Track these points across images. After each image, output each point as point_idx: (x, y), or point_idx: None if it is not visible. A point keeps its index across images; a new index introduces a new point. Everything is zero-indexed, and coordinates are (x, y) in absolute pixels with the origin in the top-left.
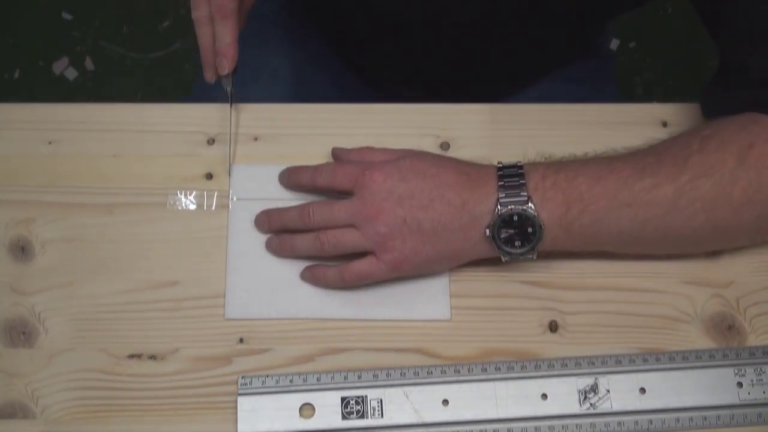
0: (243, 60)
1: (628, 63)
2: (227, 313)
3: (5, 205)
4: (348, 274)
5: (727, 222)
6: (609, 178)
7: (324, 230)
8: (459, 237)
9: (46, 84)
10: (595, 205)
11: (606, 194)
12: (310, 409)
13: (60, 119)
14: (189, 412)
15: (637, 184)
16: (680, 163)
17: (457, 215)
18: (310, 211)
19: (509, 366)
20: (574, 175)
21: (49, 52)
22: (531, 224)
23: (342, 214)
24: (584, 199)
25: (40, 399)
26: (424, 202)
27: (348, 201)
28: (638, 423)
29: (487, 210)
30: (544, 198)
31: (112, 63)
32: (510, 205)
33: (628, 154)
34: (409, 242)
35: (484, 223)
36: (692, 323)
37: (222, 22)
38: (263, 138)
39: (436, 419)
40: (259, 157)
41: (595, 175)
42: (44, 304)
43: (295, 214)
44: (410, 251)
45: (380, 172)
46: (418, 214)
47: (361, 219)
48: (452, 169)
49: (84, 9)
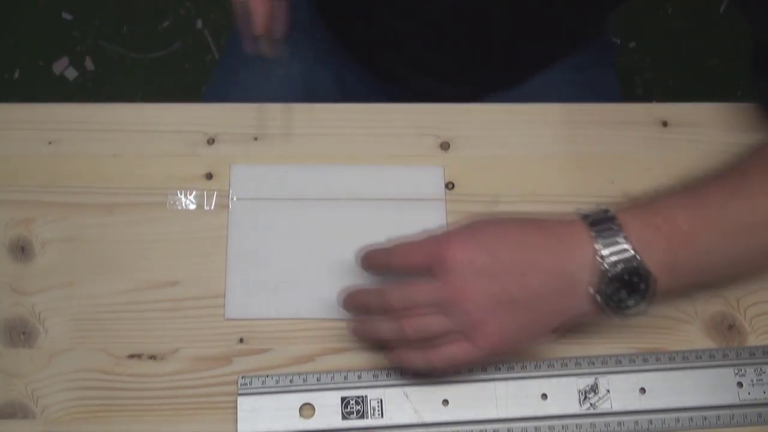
0: (254, 63)
1: (628, 63)
2: (227, 313)
3: (5, 205)
4: (437, 358)
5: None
6: (703, 209)
7: (407, 316)
8: (558, 305)
9: (46, 84)
10: (697, 240)
11: (706, 227)
12: (310, 409)
13: (60, 119)
14: (189, 412)
15: (733, 206)
16: (767, 172)
17: (556, 283)
18: (390, 298)
19: (509, 366)
20: (671, 216)
21: (49, 52)
22: (638, 275)
23: (425, 298)
24: (687, 237)
25: (40, 399)
26: (516, 274)
27: (429, 282)
28: (638, 423)
29: (588, 271)
30: (648, 246)
31: (112, 63)
32: (614, 257)
33: (711, 176)
34: (506, 322)
35: (586, 284)
36: (692, 323)
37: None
38: (263, 138)
39: (436, 419)
40: (259, 157)
41: (690, 209)
42: (44, 304)
43: (375, 298)
44: (508, 332)
45: (460, 246)
46: (512, 289)
47: (447, 302)
48: (536, 230)
49: (84, 9)
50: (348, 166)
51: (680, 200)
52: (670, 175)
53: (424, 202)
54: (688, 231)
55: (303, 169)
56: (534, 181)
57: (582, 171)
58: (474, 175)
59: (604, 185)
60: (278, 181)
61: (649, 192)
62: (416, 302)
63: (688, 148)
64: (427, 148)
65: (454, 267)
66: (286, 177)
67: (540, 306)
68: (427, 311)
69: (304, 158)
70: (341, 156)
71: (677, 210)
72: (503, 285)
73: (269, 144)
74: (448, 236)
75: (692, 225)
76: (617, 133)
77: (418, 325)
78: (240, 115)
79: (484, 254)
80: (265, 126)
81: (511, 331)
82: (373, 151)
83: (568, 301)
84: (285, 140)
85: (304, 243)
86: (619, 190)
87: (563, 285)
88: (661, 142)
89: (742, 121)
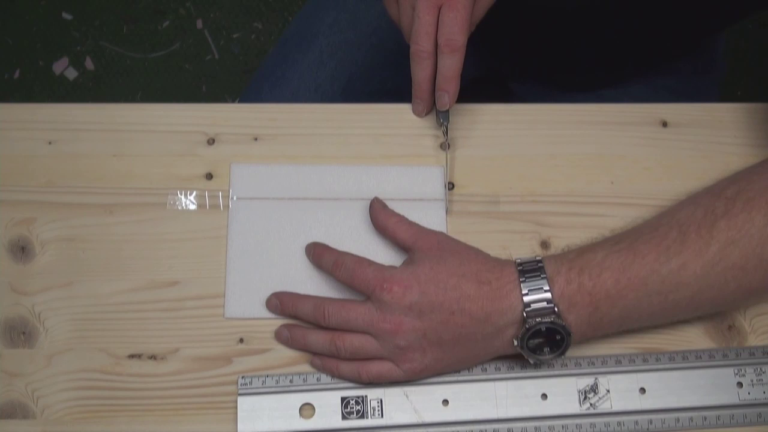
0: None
1: None
2: (227, 313)
3: (5, 205)
4: (366, 374)
5: (759, 284)
6: (634, 268)
7: (340, 333)
8: (482, 346)
9: (46, 84)
10: (623, 300)
11: (633, 286)
12: (310, 409)
13: (60, 119)
14: (189, 412)
15: (664, 268)
16: (706, 234)
17: (480, 327)
18: (326, 313)
19: (509, 366)
20: (598, 272)
21: (49, 52)
22: (559, 332)
23: (359, 322)
24: (612, 296)
25: (40, 399)
26: (444, 316)
27: (366, 309)
28: (638, 423)
29: (512, 321)
30: (571, 304)
31: (112, 63)
32: (537, 317)
33: (649, 229)
34: (429, 354)
35: (510, 334)
36: (692, 323)
37: (450, 55)
38: (263, 138)
39: (436, 419)
40: (259, 157)
41: (619, 267)
42: (44, 304)
43: (310, 308)
44: (430, 361)
45: (399, 285)
46: (439, 328)
47: (380, 331)
48: (473, 278)
49: (84, 9)
50: (348, 166)
51: (611, 257)
52: (670, 175)
53: (424, 202)
54: (612, 289)
55: (303, 169)
56: (534, 181)
57: (582, 171)
58: (474, 175)
59: (604, 185)
60: (278, 181)
61: (585, 243)
62: (351, 325)
63: (688, 148)
64: (427, 148)
65: (390, 303)
66: (286, 177)
67: (465, 345)
68: (360, 335)
69: (304, 158)
70: (341, 156)
71: (606, 266)
72: (432, 324)
73: (269, 144)
74: (391, 271)
75: (617, 283)
76: (617, 133)
77: (350, 344)
78: (240, 115)
79: (419, 295)
80: (265, 126)
81: (434, 362)
82: (373, 151)
83: (492, 345)
84: (285, 140)
85: (304, 242)
86: (619, 190)
87: (489, 332)
88: (661, 142)
89: (742, 121)
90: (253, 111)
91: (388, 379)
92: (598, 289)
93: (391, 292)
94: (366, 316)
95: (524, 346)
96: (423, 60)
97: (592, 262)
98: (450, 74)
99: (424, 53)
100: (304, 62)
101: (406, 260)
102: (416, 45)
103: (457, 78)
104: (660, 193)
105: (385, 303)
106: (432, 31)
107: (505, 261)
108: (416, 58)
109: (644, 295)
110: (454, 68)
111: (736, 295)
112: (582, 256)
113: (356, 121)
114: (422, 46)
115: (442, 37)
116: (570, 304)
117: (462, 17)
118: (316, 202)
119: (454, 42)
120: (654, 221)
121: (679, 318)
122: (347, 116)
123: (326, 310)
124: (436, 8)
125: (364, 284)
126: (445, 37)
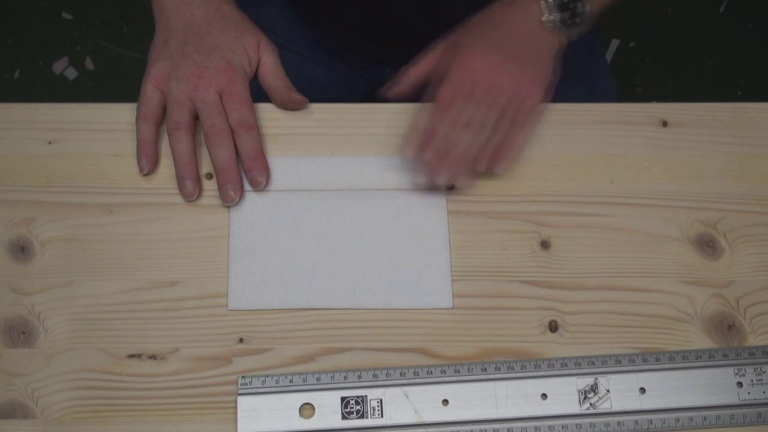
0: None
1: (628, 63)
2: (230, 304)
3: (5, 205)
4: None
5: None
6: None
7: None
8: (520, 29)
9: (46, 84)
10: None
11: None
12: (310, 409)
13: (60, 119)
14: (189, 412)
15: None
16: None
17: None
18: (440, 94)
19: (509, 366)
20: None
21: (49, 52)
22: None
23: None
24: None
25: (40, 399)
26: (501, 31)
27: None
28: (638, 423)
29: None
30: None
31: (112, 63)
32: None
33: None
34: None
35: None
36: (692, 323)
37: (247, 134)
38: (263, 138)
39: (436, 419)
40: None
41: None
42: (44, 304)
43: (446, 99)
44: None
45: (467, 53)
46: (500, 38)
47: (472, 85)
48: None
49: (84, 9)
50: (348, 157)
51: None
52: (670, 175)
53: (424, 201)
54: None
55: (304, 161)
56: (534, 181)
57: (582, 171)
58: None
59: (604, 185)
60: (280, 173)
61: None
62: (457, 97)
63: (688, 148)
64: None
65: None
66: (288, 169)
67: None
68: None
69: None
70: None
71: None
72: (497, 40)
73: (269, 144)
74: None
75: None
76: (617, 133)
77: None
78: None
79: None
80: (265, 126)
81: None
82: (373, 152)
83: (527, 27)
84: (284, 140)
85: (306, 234)
86: (619, 190)
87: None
88: (661, 142)
89: (742, 121)
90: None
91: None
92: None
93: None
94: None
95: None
96: (224, 138)
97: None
98: (257, 149)
99: (223, 131)
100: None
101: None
102: (212, 125)
103: (264, 152)
104: (660, 193)
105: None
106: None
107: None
108: (215, 137)
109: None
110: (258, 143)
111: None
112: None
113: (356, 121)
114: (219, 123)
115: (235, 118)
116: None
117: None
118: (318, 193)
119: (248, 120)
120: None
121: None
122: (347, 116)
123: (441, 92)
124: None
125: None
126: (238, 117)
